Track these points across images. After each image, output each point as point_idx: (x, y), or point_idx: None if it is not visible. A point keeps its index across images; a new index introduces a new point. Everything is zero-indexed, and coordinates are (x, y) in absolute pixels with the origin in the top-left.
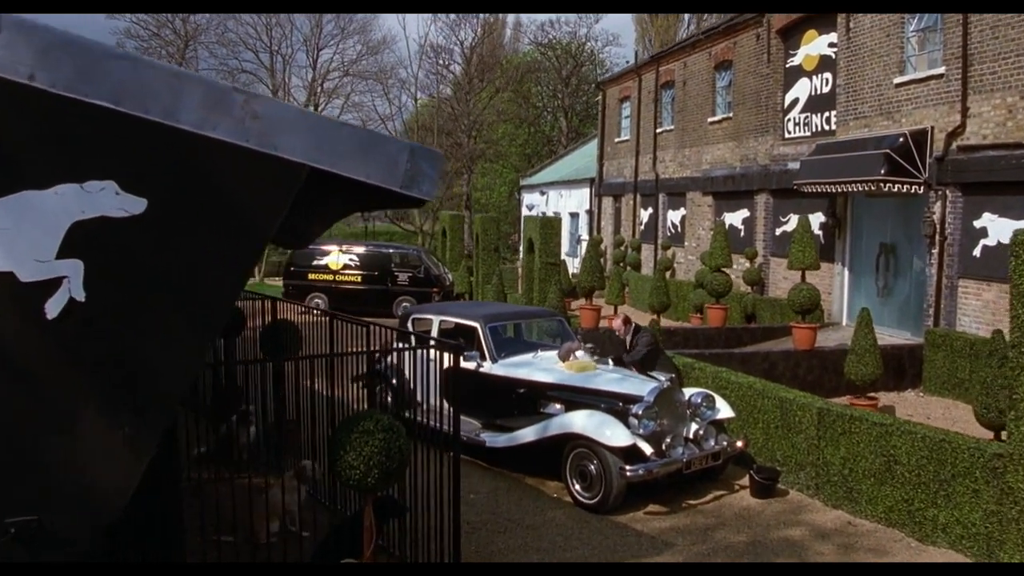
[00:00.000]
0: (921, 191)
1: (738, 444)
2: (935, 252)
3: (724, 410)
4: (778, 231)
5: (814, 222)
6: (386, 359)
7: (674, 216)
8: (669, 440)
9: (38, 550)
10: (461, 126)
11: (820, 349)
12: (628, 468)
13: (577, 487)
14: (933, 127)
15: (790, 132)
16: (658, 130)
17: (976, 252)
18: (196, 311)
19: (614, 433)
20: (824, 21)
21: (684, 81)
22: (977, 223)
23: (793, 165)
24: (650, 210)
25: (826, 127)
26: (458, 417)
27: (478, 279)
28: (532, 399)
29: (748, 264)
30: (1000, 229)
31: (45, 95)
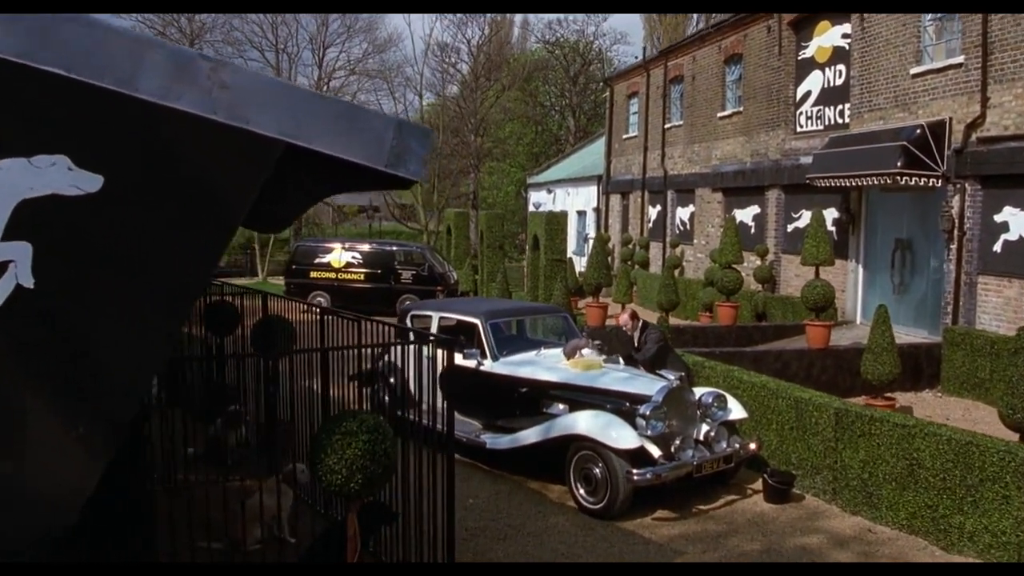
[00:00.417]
0: (939, 184)
1: (751, 446)
2: (953, 247)
3: (736, 411)
4: (790, 227)
5: (827, 218)
6: (383, 357)
7: (683, 213)
8: (678, 442)
9: None
10: (468, 124)
11: (834, 348)
12: (635, 472)
13: (581, 491)
14: (951, 118)
15: (802, 126)
16: (667, 126)
17: (996, 247)
18: (159, 299)
19: (620, 435)
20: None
21: (693, 75)
22: (998, 217)
23: (805, 160)
24: (658, 207)
25: (839, 120)
26: (452, 415)
27: (483, 277)
28: (535, 399)
29: (759, 261)
30: (1022, 223)
31: None
